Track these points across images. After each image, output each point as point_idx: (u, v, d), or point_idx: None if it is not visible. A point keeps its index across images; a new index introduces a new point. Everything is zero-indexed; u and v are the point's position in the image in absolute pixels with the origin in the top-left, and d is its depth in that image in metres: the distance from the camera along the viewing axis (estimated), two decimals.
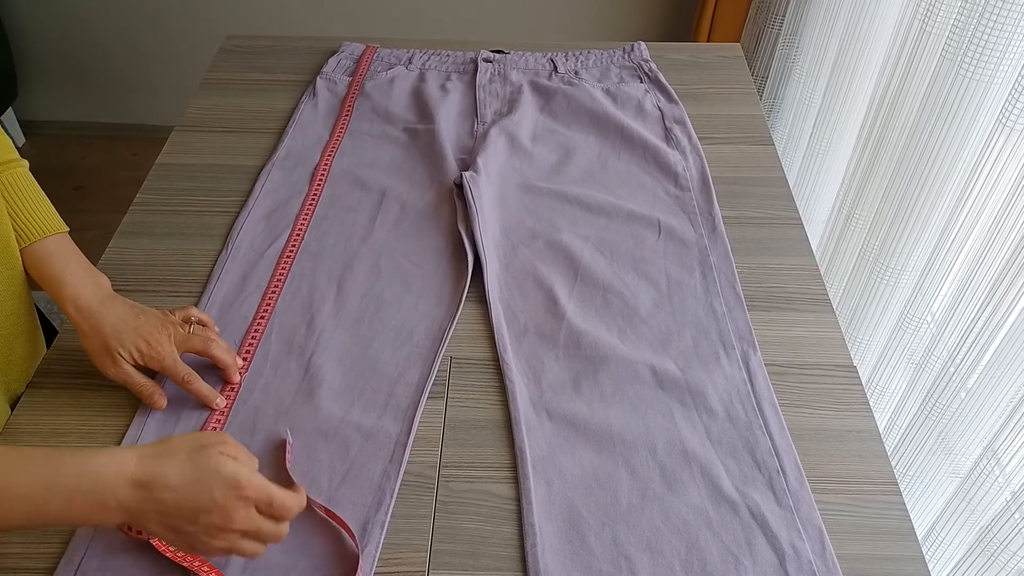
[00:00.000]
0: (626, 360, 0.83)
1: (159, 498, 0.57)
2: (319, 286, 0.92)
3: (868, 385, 1.17)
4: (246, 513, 0.59)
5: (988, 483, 0.87)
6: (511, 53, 1.26)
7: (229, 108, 1.20)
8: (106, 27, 2.35)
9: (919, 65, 1.04)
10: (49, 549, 0.69)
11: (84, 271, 0.79)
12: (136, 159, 2.54)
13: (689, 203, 1.02)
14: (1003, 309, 0.85)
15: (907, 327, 1.07)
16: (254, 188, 1.05)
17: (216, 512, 0.57)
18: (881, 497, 0.74)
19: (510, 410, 0.80)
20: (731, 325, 0.87)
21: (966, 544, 0.91)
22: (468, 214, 0.97)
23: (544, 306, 0.90)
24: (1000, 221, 0.86)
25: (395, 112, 1.17)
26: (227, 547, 0.60)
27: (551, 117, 1.16)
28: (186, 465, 0.58)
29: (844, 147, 1.34)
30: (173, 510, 0.57)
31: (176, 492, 0.57)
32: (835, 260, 1.29)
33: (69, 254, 0.80)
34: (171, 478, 0.57)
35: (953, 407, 0.94)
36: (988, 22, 0.87)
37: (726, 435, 0.77)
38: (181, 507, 0.57)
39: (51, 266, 0.78)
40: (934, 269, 1.01)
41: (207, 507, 0.57)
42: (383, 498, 0.73)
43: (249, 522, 0.59)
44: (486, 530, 0.71)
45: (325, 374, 0.83)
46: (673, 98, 1.18)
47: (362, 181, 1.06)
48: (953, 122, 0.96)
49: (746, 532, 0.70)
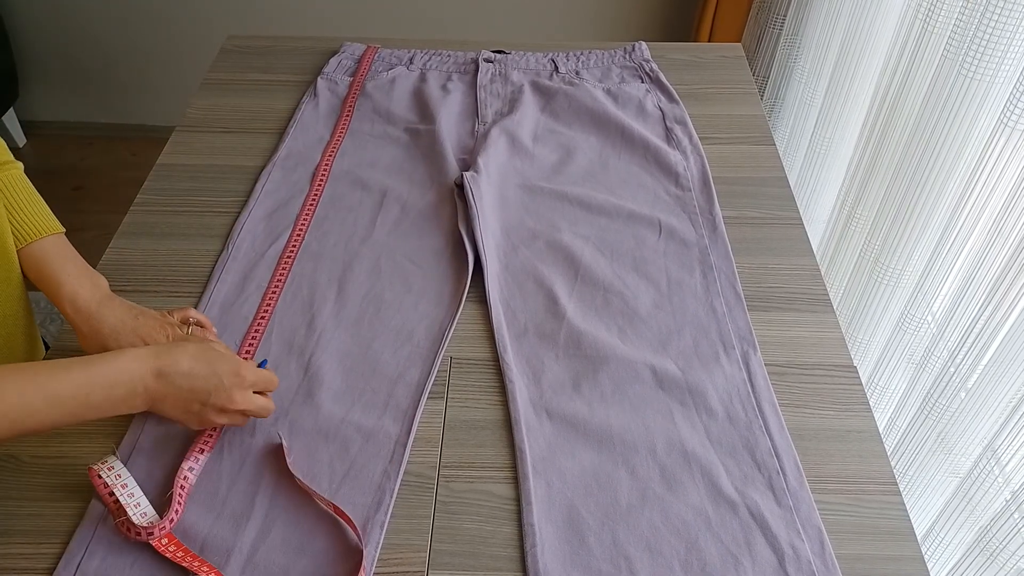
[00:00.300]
0: (626, 360, 0.83)
1: (177, 384, 0.68)
2: (319, 286, 0.92)
3: (868, 385, 1.17)
4: (243, 394, 0.72)
5: (988, 483, 0.87)
6: (512, 53, 1.26)
7: (229, 108, 1.20)
8: (106, 27, 2.36)
9: (920, 65, 1.04)
10: (49, 549, 0.69)
11: (81, 272, 0.79)
12: (136, 159, 2.54)
13: (690, 203, 1.02)
14: (1003, 309, 0.85)
15: (907, 327, 1.07)
16: (254, 188, 1.05)
17: (222, 392, 0.70)
18: (881, 497, 0.74)
19: (510, 410, 0.80)
20: (731, 325, 0.87)
21: (965, 544, 0.91)
22: (468, 214, 0.97)
23: (544, 306, 0.90)
24: (1001, 221, 0.86)
25: (396, 112, 1.17)
26: (227, 421, 0.73)
27: (552, 117, 1.16)
28: (196, 356, 0.70)
29: (845, 147, 1.34)
30: (187, 393, 0.69)
31: (189, 377, 0.69)
32: (835, 260, 1.29)
33: (66, 255, 0.80)
34: (183, 365, 0.69)
35: (953, 407, 0.94)
36: (989, 22, 0.87)
37: (726, 435, 0.78)
38: (194, 390, 0.69)
39: (48, 267, 0.78)
40: (934, 269, 1.01)
41: (215, 387, 0.70)
42: (383, 498, 0.73)
43: (246, 402, 0.72)
44: (486, 530, 0.71)
45: (325, 374, 0.83)
46: (674, 98, 1.18)
47: (363, 181, 1.06)
48: (954, 122, 0.96)
49: (745, 532, 0.70)
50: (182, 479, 0.72)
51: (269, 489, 0.73)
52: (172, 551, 0.67)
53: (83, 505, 0.72)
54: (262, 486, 0.74)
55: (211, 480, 0.74)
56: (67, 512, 0.72)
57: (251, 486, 0.74)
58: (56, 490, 0.74)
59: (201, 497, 0.73)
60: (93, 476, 0.70)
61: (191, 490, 0.73)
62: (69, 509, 0.72)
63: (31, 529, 0.71)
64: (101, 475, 0.70)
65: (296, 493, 0.73)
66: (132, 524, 0.68)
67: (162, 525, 0.68)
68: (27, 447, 0.77)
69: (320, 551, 0.69)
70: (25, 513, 0.72)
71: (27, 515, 0.72)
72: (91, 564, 0.68)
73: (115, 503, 0.70)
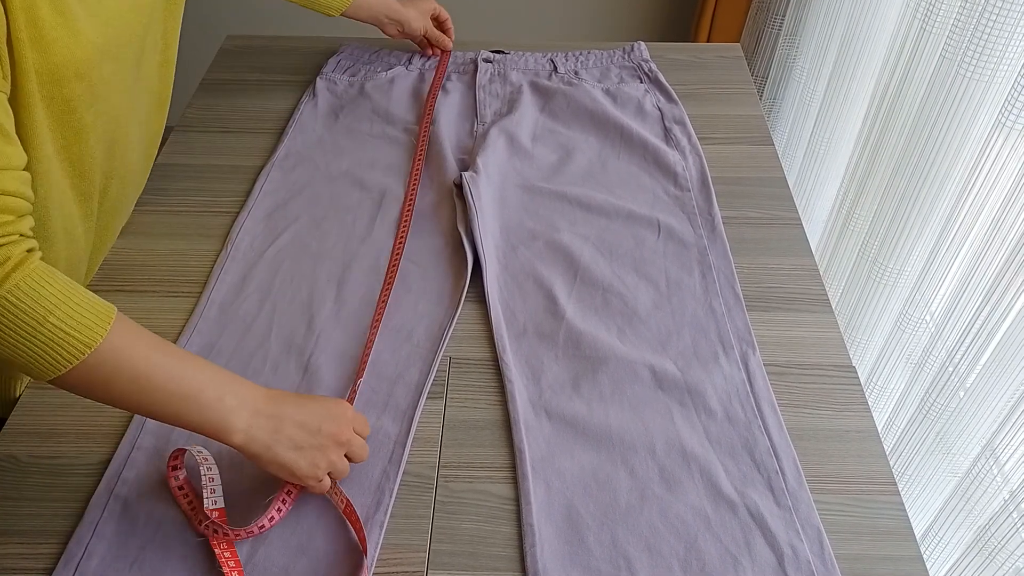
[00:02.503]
0: (625, 360, 0.84)
1: (287, 412, 0.68)
2: (319, 286, 0.92)
3: (867, 385, 1.17)
4: (350, 424, 0.71)
5: (986, 482, 0.87)
6: (511, 53, 1.26)
7: (228, 108, 1.20)
8: None
9: (919, 65, 1.04)
10: (48, 549, 0.69)
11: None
12: None
13: (689, 203, 1.02)
14: (1001, 309, 0.85)
15: (906, 327, 1.07)
16: (254, 188, 1.05)
17: (332, 422, 0.69)
18: (879, 497, 0.74)
19: (509, 410, 0.80)
20: (730, 325, 0.87)
21: (964, 543, 0.92)
22: (468, 214, 0.97)
23: (543, 306, 0.90)
24: (999, 221, 0.87)
25: (395, 112, 1.17)
26: (337, 459, 0.69)
27: (551, 117, 1.16)
28: (301, 399, 0.70)
29: (844, 147, 1.34)
30: (299, 421, 0.68)
31: (299, 407, 0.69)
32: (834, 260, 1.29)
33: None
34: (291, 397, 0.69)
35: (951, 407, 0.94)
36: (988, 22, 0.87)
37: (725, 435, 0.78)
38: (305, 420, 0.68)
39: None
40: (933, 269, 1.01)
41: (325, 418, 0.69)
42: (382, 498, 0.73)
43: (351, 435, 0.70)
44: (485, 530, 0.71)
45: (324, 374, 0.83)
46: (673, 98, 1.18)
47: (362, 181, 1.06)
48: (953, 122, 0.96)
49: (745, 532, 0.70)
50: (285, 492, 0.71)
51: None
52: (226, 557, 0.67)
53: (83, 505, 0.72)
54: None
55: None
56: (66, 512, 0.72)
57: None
58: (55, 490, 0.74)
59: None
60: (170, 468, 0.72)
61: (291, 505, 0.72)
62: (68, 509, 0.72)
63: (30, 529, 0.71)
64: (193, 455, 0.71)
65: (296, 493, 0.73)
66: (205, 516, 0.69)
67: (261, 523, 0.68)
68: (27, 447, 0.77)
69: (320, 551, 0.69)
70: (24, 513, 0.72)
71: (26, 515, 0.72)
72: (90, 564, 0.68)
73: (185, 494, 0.71)
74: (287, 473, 0.68)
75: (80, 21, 0.70)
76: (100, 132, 0.80)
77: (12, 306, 0.59)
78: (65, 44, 0.69)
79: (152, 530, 0.70)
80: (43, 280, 0.61)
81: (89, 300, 0.62)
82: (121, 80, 0.81)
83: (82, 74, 0.72)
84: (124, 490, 0.73)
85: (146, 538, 0.69)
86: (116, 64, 0.78)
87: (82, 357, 0.60)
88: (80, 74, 0.72)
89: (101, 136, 0.81)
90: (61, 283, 0.62)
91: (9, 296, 0.59)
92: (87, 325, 0.61)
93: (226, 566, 0.66)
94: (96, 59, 0.73)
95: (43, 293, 0.60)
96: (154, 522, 0.70)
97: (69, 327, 0.60)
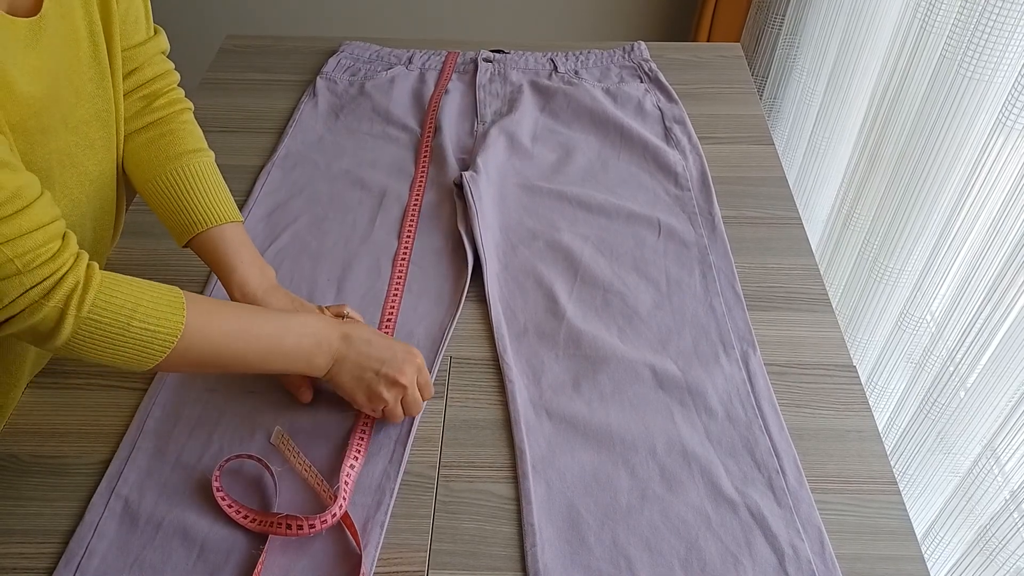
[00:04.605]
0: (626, 360, 0.84)
1: (358, 348, 0.74)
2: (319, 286, 0.92)
3: (867, 385, 1.17)
4: (412, 374, 0.75)
5: (987, 482, 0.87)
6: (511, 53, 1.26)
7: (229, 108, 1.20)
8: None
9: (919, 64, 1.04)
10: (49, 549, 0.69)
11: (253, 260, 0.83)
12: None
13: (689, 203, 1.02)
14: (1002, 308, 0.85)
15: (906, 327, 1.07)
16: (254, 188, 1.05)
17: (395, 364, 0.74)
18: (880, 497, 0.74)
19: (510, 410, 0.80)
20: (731, 325, 0.87)
21: (965, 543, 0.92)
22: (468, 214, 0.97)
23: (544, 306, 0.90)
24: (999, 220, 0.87)
25: (395, 112, 1.17)
26: (392, 399, 0.75)
27: (551, 117, 1.16)
28: (375, 331, 0.77)
29: (844, 146, 1.34)
30: (365, 359, 0.74)
31: (369, 344, 0.75)
32: (835, 260, 1.29)
33: (242, 242, 0.83)
34: (365, 334, 0.75)
35: (952, 406, 0.94)
36: (988, 21, 0.87)
37: (726, 435, 0.78)
38: (371, 356, 0.74)
39: (224, 252, 0.82)
40: (933, 268, 1.01)
41: (390, 359, 0.74)
42: (383, 498, 0.73)
43: (410, 381, 0.75)
44: (486, 530, 0.71)
45: None
46: (673, 98, 1.18)
47: (362, 181, 1.06)
48: (953, 121, 0.96)
49: (745, 532, 0.70)
50: (345, 475, 0.72)
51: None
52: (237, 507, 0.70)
53: (83, 505, 0.72)
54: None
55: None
56: (67, 512, 0.72)
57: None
58: (56, 490, 0.74)
59: (200, 497, 0.73)
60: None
61: (353, 486, 0.73)
62: (69, 509, 0.72)
63: (31, 529, 0.71)
64: (279, 445, 0.75)
65: None
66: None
67: (331, 513, 0.69)
68: (27, 447, 0.77)
69: (320, 551, 0.69)
70: (25, 513, 0.72)
71: (27, 515, 0.72)
72: (91, 564, 0.68)
73: (230, 505, 0.71)
74: (349, 398, 0.76)
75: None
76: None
77: (96, 322, 0.63)
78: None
79: (153, 530, 0.70)
80: (113, 289, 0.64)
81: (158, 292, 0.67)
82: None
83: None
84: (125, 490, 0.73)
85: (147, 538, 0.69)
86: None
87: (172, 347, 0.66)
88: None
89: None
90: (126, 285, 0.65)
91: (91, 316, 0.63)
92: (166, 316, 0.66)
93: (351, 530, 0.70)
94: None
95: (118, 301, 0.64)
96: (155, 522, 0.70)
97: (152, 324, 0.65)
